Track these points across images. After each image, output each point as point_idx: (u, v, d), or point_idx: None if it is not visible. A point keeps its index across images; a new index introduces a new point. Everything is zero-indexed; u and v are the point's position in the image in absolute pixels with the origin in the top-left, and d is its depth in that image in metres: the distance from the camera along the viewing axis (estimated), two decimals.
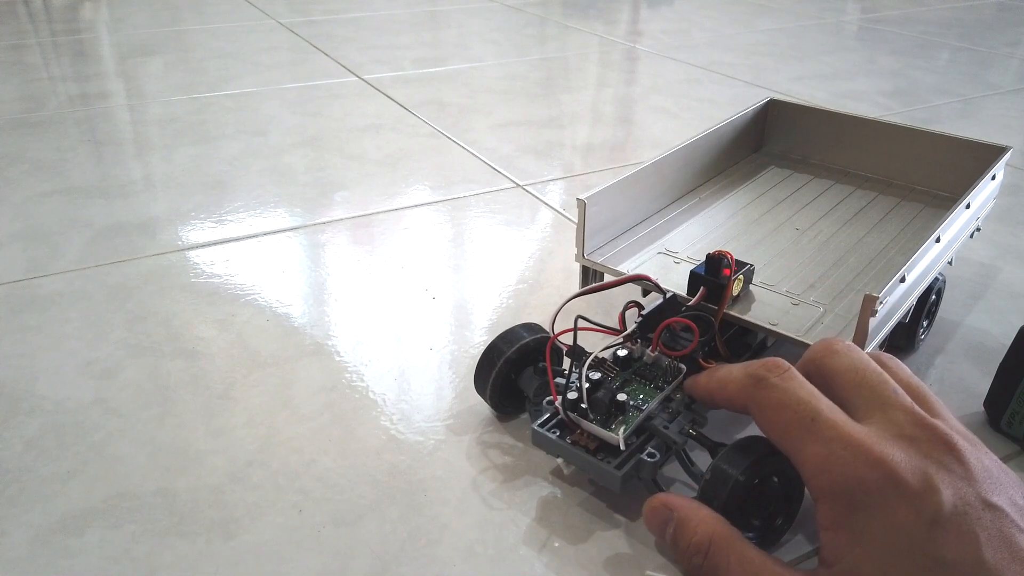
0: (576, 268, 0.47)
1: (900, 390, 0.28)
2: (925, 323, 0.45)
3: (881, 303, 0.34)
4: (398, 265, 0.55)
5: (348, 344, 0.46)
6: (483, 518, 0.34)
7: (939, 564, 0.23)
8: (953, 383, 0.43)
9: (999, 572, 0.23)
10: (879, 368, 0.29)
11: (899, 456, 0.25)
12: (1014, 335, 0.38)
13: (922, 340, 0.45)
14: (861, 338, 0.34)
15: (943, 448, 0.25)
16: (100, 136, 0.78)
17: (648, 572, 0.31)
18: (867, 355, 0.29)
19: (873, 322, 0.34)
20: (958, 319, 0.49)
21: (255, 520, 0.34)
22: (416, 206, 0.64)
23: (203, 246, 0.57)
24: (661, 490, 0.33)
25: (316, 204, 0.64)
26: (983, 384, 0.42)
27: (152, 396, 0.41)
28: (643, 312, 0.37)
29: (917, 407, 0.27)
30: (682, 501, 0.29)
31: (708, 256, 0.38)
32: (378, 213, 0.62)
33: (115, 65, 1.03)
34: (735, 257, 0.39)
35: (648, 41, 1.20)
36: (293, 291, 0.51)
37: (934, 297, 0.44)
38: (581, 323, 0.36)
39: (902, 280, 0.36)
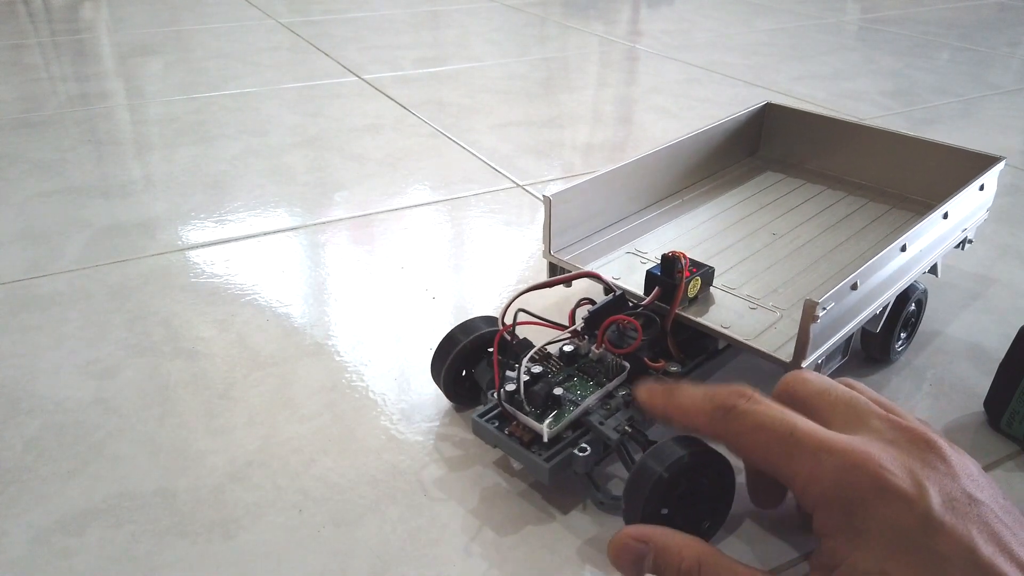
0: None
1: (872, 403, 0.29)
2: (903, 335, 0.44)
3: (824, 310, 0.33)
4: (398, 265, 0.55)
5: (348, 344, 0.46)
6: (483, 517, 0.34)
7: (936, 559, 0.24)
8: (953, 383, 0.43)
9: (993, 565, 0.24)
10: (847, 388, 0.30)
11: (885, 458, 0.26)
12: (1014, 335, 0.38)
13: (899, 352, 0.44)
14: (802, 344, 0.34)
15: (925, 447, 0.26)
16: (100, 136, 0.78)
17: None
18: (831, 380, 0.31)
19: (815, 328, 0.33)
20: (958, 319, 0.49)
21: (255, 520, 0.34)
22: (416, 206, 0.64)
23: (203, 246, 0.57)
24: (596, 485, 0.33)
25: (316, 204, 0.64)
26: (983, 384, 0.42)
27: (152, 396, 0.41)
28: (590, 309, 0.37)
29: (892, 415, 0.28)
30: (655, 531, 0.29)
31: (663, 257, 0.38)
32: (378, 213, 0.62)
33: (115, 65, 1.03)
34: (698, 259, 0.39)
35: (648, 41, 1.20)
36: (293, 291, 0.51)
37: (913, 308, 0.43)
38: (530, 318, 0.37)
39: (853, 287, 0.35)
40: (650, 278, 0.39)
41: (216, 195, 0.65)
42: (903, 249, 0.39)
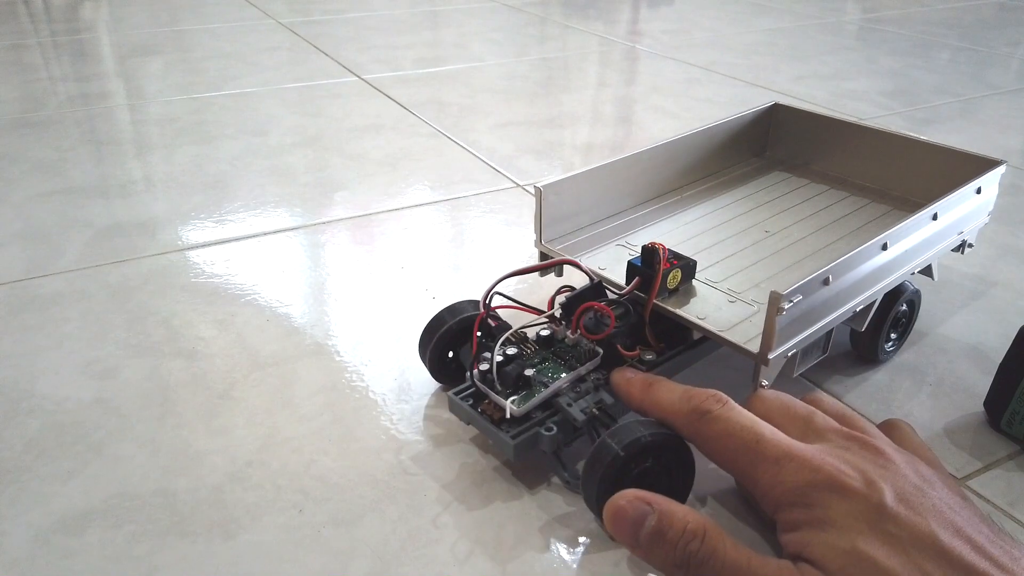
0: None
1: (827, 417, 0.32)
2: (893, 335, 0.44)
3: (790, 302, 0.34)
4: (398, 265, 0.55)
5: (348, 344, 0.46)
6: (483, 517, 0.34)
7: (898, 543, 0.26)
8: (953, 383, 0.43)
9: (952, 547, 0.25)
10: (806, 404, 0.32)
11: (839, 463, 0.28)
12: (1014, 335, 0.38)
13: (889, 352, 0.44)
14: (768, 336, 0.34)
15: (875, 452, 0.29)
16: (100, 136, 0.78)
17: (650, 574, 0.31)
18: (792, 397, 0.33)
19: (782, 320, 0.34)
20: (959, 319, 0.49)
21: (255, 520, 0.34)
22: (416, 206, 0.64)
23: (203, 246, 0.57)
24: (563, 465, 0.34)
25: (316, 204, 0.64)
26: (983, 384, 0.42)
27: (152, 396, 0.41)
28: (567, 295, 0.38)
29: (844, 427, 0.31)
30: (656, 496, 0.30)
31: (643, 248, 0.39)
32: (378, 213, 0.62)
33: (115, 65, 1.03)
34: (687, 254, 0.40)
35: (648, 41, 1.20)
36: (293, 291, 0.51)
37: (904, 308, 0.43)
38: (508, 302, 0.38)
39: (825, 282, 0.35)
40: (631, 268, 0.39)
41: (216, 195, 0.65)
42: (884, 248, 0.39)
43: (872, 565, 0.25)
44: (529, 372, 0.36)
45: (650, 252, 0.38)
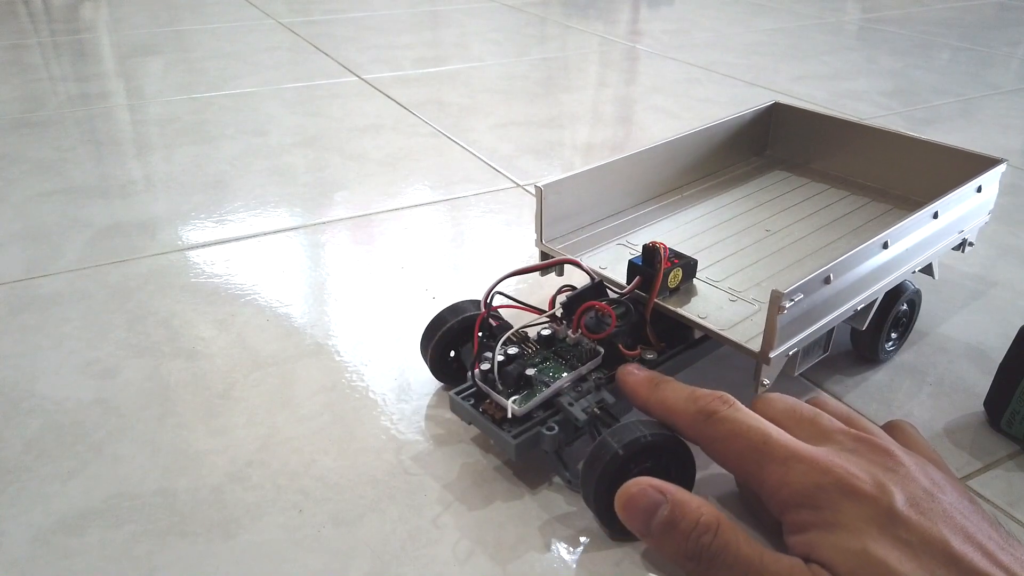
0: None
1: (834, 419, 0.31)
2: (894, 335, 0.44)
3: (791, 301, 0.34)
4: (398, 265, 0.55)
5: (348, 344, 0.46)
6: (484, 517, 0.34)
7: (909, 546, 0.26)
8: (953, 383, 0.43)
9: (963, 554, 0.25)
10: (811, 406, 0.32)
11: (849, 466, 0.28)
12: (1014, 335, 0.38)
13: (890, 352, 0.44)
14: (769, 334, 0.34)
15: (883, 454, 0.29)
16: (100, 136, 0.78)
17: (649, 575, 0.31)
18: (798, 400, 0.33)
19: (783, 319, 0.34)
20: (959, 318, 0.49)
21: (255, 520, 0.34)
22: (416, 206, 0.64)
23: (203, 246, 0.57)
24: (564, 465, 0.34)
25: (316, 204, 0.64)
26: (983, 384, 0.42)
27: (152, 396, 0.41)
28: (568, 295, 0.38)
29: (854, 429, 0.31)
30: (670, 485, 0.30)
31: (644, 247, 0.39)
32: (378, 213, 0.62)
33: (115, 65, 1.03)
34: (687, 253, 0.40)
35: (648, 41, 1.20)
36: (293, 291, 0.51)
37: (905, 308, 0.43)
38: (509, 302, 0.38)
39: (826, 281, 0.36)
40: (632, 268, 0.39)
41: (216, 195, 0.65)
42: (885, 246, 0.39)
43: (884, 568, 0.25)
44: (530, 372, 0.36)
45: (651, 251, 0.38)
